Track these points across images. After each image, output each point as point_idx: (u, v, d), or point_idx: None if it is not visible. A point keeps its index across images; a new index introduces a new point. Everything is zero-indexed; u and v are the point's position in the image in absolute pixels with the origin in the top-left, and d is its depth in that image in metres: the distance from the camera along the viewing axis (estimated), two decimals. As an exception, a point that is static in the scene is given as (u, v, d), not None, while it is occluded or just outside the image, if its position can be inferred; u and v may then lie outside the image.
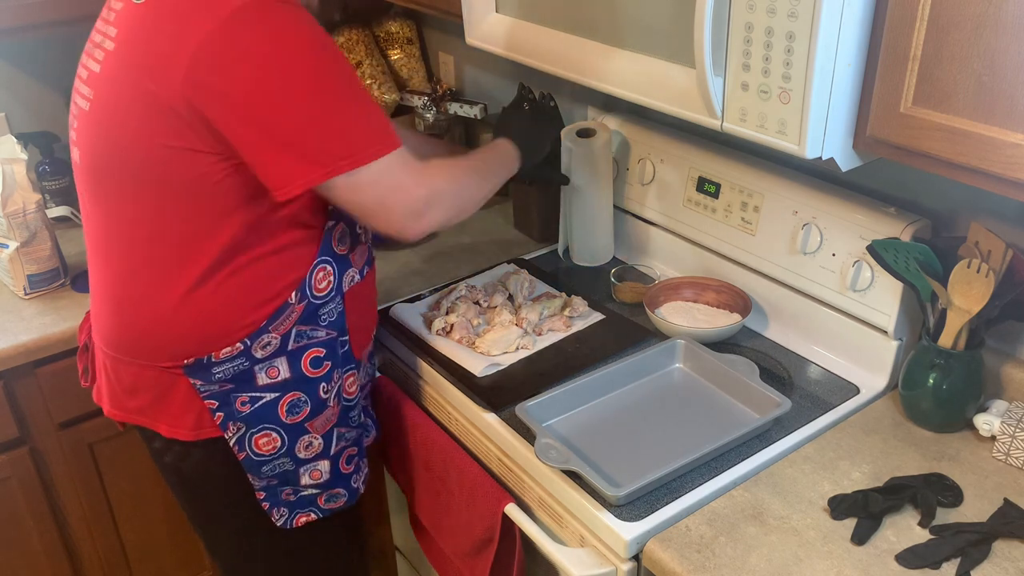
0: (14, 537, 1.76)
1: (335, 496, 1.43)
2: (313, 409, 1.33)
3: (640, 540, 1.16)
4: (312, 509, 1.41)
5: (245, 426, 1.30)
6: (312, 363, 1.31)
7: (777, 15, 1.04)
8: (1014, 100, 0.92)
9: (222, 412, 1.29)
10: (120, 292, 1.27)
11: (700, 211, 1.63)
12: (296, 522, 1.41)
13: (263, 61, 1.09)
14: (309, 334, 1.30)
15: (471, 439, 1.45)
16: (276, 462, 1.34)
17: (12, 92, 2.10)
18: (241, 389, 1.28)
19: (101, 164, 1.22)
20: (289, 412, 1.31)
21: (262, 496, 1.37)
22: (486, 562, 1.39)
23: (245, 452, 1.32)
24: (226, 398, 1.28)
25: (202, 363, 1.26)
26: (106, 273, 1.29)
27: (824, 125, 1.08)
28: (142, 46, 1.14)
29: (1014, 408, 1.27)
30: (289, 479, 1.37)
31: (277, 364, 1.29)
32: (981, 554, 1.09)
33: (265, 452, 1.32)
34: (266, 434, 1.31)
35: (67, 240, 1.94)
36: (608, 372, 1.41)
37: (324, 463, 1.38)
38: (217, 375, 1.27)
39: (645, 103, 1.28)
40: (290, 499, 1.39)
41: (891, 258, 1.29)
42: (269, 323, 1.26)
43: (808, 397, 1.39)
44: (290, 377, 1.30)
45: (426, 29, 2.38)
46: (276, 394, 1.30)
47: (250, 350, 1.26)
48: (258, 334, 1.26)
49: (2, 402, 1.65)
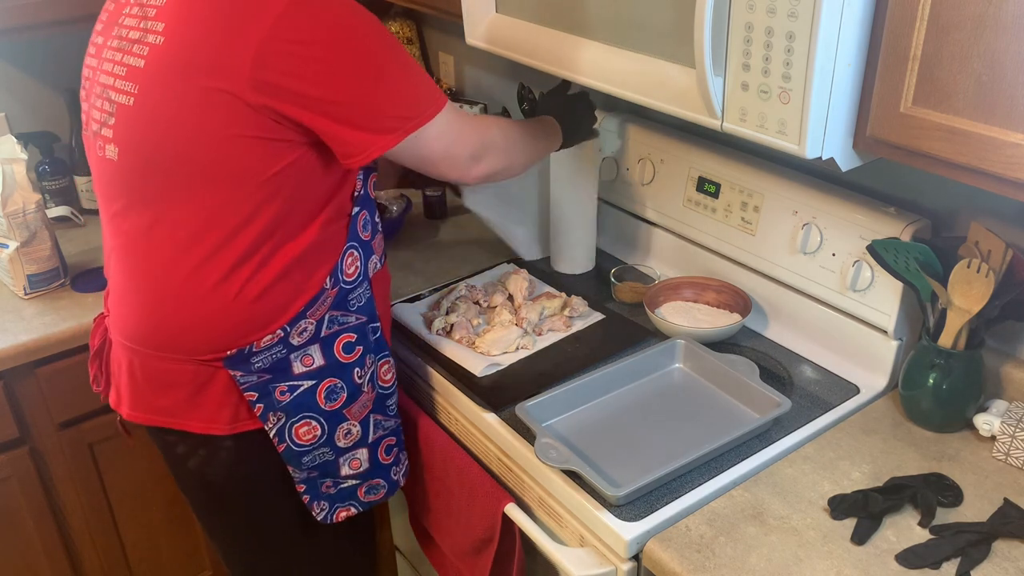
0: (14, 537, 1.76)
1: (375, 488, 1.44)
2: (350, 395, 1.35)
3: (640, 540, 1.16)
4: (352, 503, 1.42)
5: (285, 416, 1.31)
6: (344, 348, 1.34)
7: (777, 15, 1.04)
8: (1014, 100, 0.92)
9: (262, 404, 1.29)
10: (161, 288, 1.27)
11: (700, 211, 1.63)
12: (336, 516, 1.41)
13: (324, 48, 1.15)
14: (340, 320, 1.33)
15: (471, 439, 1.45)
16: (316, 452, 1.35)
17: (12, 92, 2.10)
18: (279, 379, 1.29)
19: (149, 159, 1.21)
20: (327, 399, 1.33)
21: (302, 489, 1.37)
22: (486, 562, 1.39)
23: (285, 443, 1.32)
24: (265, 388, 1.29)
25: (243, 353, 1.26)
26: (144, 270, 1.28)
27: (824, 125, 1.08)
28: (197, 42, 1.15)
29: (1014, 408, 1.27)
30: (329, 470, 1.37)
31: (311, 352, 1.31)
32: (981, 554, 1.09)
33: (305, 442, 1.33)
34: (306, 423, 1.32)
35: (67, 240, 1.94)
36: (608, 372, 1.41)
37: (363, 451, 1.39)
38: (256, 365, 1.27)
39: (645, 103, 1.28)
40: (330, 491, 1.39)
41: (891, 258, 1.29)
42: (307, 308, 1.28)
43: (808, 397, 1.39)
44: (325, 364, 1.32)
45: (426, 29, 2.38)
46: (313, 381, 1.31)
47: (288, 337, 1.28)
48: (296, 320, 1.28)
49: (2, 402, 1.65)
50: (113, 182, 1.27)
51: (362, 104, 1.19)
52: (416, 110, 1.22)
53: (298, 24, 1.13)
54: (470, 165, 1.32)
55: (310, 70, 1.15)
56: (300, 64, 1.14)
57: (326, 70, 1.15)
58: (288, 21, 1.13)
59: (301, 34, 1.13)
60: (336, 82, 1.16)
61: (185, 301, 1.25)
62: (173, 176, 1.20)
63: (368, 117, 1.19)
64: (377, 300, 1.39)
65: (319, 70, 1.15)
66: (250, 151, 1.18)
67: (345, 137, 1.19)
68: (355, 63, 1.17)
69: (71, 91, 1.98)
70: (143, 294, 1.29)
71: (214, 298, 1.24)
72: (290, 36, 1.13)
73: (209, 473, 1.36)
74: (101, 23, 1.30)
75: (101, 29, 1.29)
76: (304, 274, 1.28)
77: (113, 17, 1.27)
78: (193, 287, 1.24)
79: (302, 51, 1.14)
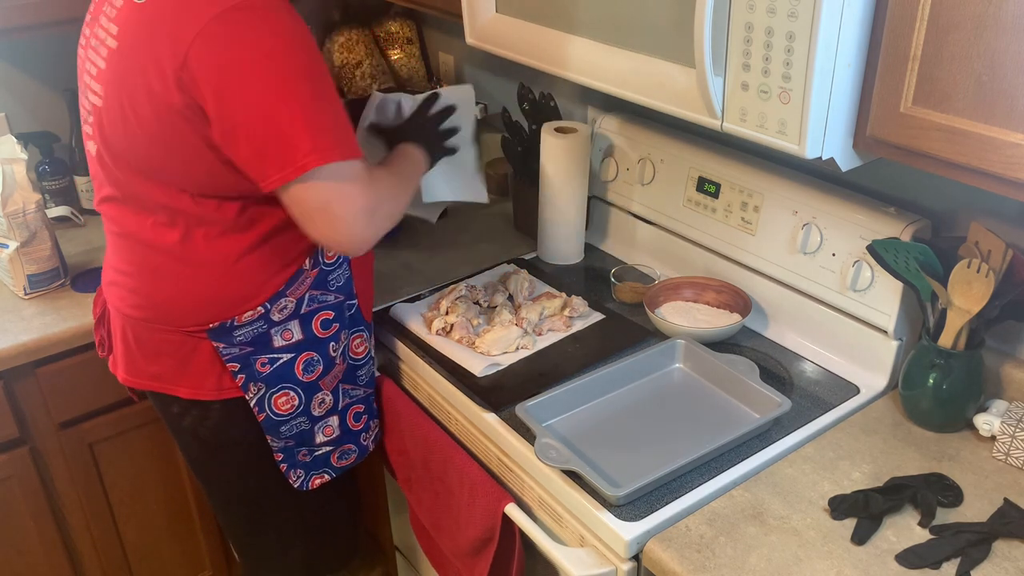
0: (14, 537, 1.76)
1: (347, 452, 1.52)
2: (325, 367, 1.43)
3: (640, 540, 1.16)
4: (326, 470, 1.50)
5: (265, 386, 1.38)
6: (322, 325, 1.41)
7: (777, 15, 1.04)
8: (1014, 100, 0.92)
9: (243, 374, 1.37)
10: (152, 263, 1.34)
11: (700, 211, 1.63)
12: (312, 483, 1.49)
13: (245, 60, 1.14)
14: (320, 298, 1.40)
15: (471, 439, 1.45)
16: (294, 421, 1.42)
17: (12, 92, 2.10)
18: (260, 351, 1.37)
19: (121, 155, 1.28)
20: (305, 371, 1.41)
21: (280, 458, 1.45)
22: (486, 562, 1.39)
23: (265, 412, 1.40)
24: (247, 360, 1.36)
25: (225, 327, 1.34)
26: (130, 248, 1.36)
27: (824, 125, 1.08)
28: (144, 46, 1.19)
29: (1014, 408, 1.27)
30: (305, 439, 1.45)
31: (291, 327, 1.38)
32: (981, 554, 1.09)
33: (284, 411, 1.41)
34: (285, 393, 1.40)
35: (67, 240, 1.94)
36: (608, 372, 1.41)
37: (334, 419, 1.47)
38: (238, 338, 1.35)
39: (645, 103, 1.28)
40: (306, 460, 1.47)
41: (891, 258, 1.29)
42: (287, 287, 1.36)
43: (808, 397, 1.39)
44: (303, 338, 1.39)
45: (426, 29, 2.38)
46: (292, 354, 1.39)
47: (269, 314, 1.35)
48: (276, 298, 1.35)
49: (2, 402, 1.65)
50: (98, 174, 1.36)
51: (266, 121, 1.15)
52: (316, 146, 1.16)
53: (226, 29, 1.13)
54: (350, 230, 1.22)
55: (224, 73, 1.14)
56: (215, 65, 1.13)
57: (240, 77, 1.14)
58: (218, 25, 1.13)
59: (226, 39, 1.13)
60: (243, 90, 1.14)
61: (170, 275, 1.33)
62: (144, 170, 1.27)
63: (268, 138, 1.16)
64: (356, 278, 1.45)
65: (232, 76, 1.14)
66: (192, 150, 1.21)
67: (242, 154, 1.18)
68: (270, 77, 1.14)
69: (71, 91, 1.98)
70: (132, 270, 1.37)
71: (197, 273, 1.32)
72: (215, 39, 1.13)
73: (201, 432, 1.45)
74: (89, 14, 1.35)
75: (88, 20, 1.34)
76: (283, 255, 1.34)
77: (96, 11, 1.32)
78: (175, 262, 1.32)
79: (221, 54, 1.13)
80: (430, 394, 1.54)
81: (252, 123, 1.15)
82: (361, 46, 2.26)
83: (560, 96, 1.93)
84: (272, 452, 1.44)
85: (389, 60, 2.34)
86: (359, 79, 2.27)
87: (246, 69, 1.14)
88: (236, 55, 1.14)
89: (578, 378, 1.39)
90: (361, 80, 2.26)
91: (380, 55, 2.31)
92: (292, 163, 1.16)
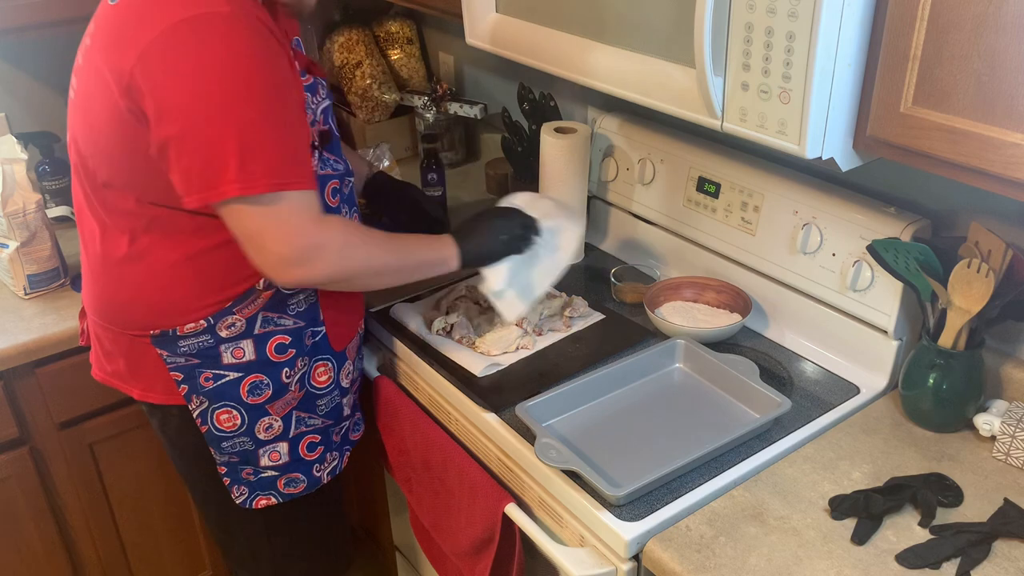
0: (14, 537, 1.76)
1: (294, 481, 1.47)
2: (275, 392, 1.38)
3: (640, 540, 1.16)
4: (272, 493, 1.46)
5: (207, 401, 1.36)
6: (277, 349, 1.36)
7: (777, 15, 1.04)
8: (1014, 100, 0.92)
9: (186, 385, 1.35)
10: (100, 263, 1.34)
11: (700, 211, 1.63)
12: (256, 503, 1.46)
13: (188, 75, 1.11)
14: (276, 321, 1.35)
15: (471, 439, 1.45)
16: (236, 439, 1.39)
17: (12, 92, 2.10)
18: (206, 365, 1.34)
19: (82, 147, 1.28)
20: (250, 392, 1.36)
21: (223, 471, 1.43)
22: (486, 562, 1.39)
23: (207, 426, 1.38)
24: (191, 372, 1.34)
25: (168, 336, 1.32)
26: (90, 245, 1.36)
27: (824, 125, 1.08)
28: (108, 47, 1.18)
29: (1014, 408, 1.27)
30: (249, 459, 1.42)
31: (243, 345, 1.34)
32: (981, 554, 1.09)
33: (226, 428, 1.38)
34: (227, 411, 1.37)
35: (67, 240, 1.94)
36: (608, 372, 1.41)
37: (283, 445, 1.43)
38: (183, 349, 1.33)
39: (645, 103, 1.28)
40: (250, 479, 1.44)
41: (891, 258, 1.29)
42: (234, 305, 1.31)
43: (808, 397, 1.39)
44: (255, 359, 1.35)
45: (426, 29, 2.38)
46: (239, 374, 1.35)
47: (214, 328, 1.31)
48: (222, 314, 1.31)
49: (2, 402, 1.65)
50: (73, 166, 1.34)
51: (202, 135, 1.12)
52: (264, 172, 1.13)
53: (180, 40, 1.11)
54: (277, 266, 1.18)
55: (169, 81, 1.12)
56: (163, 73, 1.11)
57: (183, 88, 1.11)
58: (173, 35, 1.11)
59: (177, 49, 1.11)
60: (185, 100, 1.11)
61: (114, 277, 1.33)
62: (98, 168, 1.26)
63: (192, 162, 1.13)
64: (326, 307, 1.39)
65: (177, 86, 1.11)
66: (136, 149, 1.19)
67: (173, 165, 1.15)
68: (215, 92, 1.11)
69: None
70: (92, 270, 1.37)
71: (135, 277, 1.30)
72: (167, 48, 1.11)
73: (168, 432, 1.44)
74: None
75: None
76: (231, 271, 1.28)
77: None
78: (121, 265, 1.31)
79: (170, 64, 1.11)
80: (430, 394, 1.54)
81: (183, 137, 1.13)
82: (361, 46, 2.26)
83: (560, 96, 1.93)
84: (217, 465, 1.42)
85: (389, 60, 2.34)
86: (359, 79, 2.27)
87: (188, 82, 1.11)
88: (181, 66, 1.11)
89: (578, 378, 1.39)
90: (361, 80, 2.26)
91: (380, 55, 2.31)
92: (214, 187, 1.13)
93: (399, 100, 2.27)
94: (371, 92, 2.27)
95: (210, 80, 1.11)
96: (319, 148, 1.30)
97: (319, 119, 1.31)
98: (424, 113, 2.20)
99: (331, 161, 1.34)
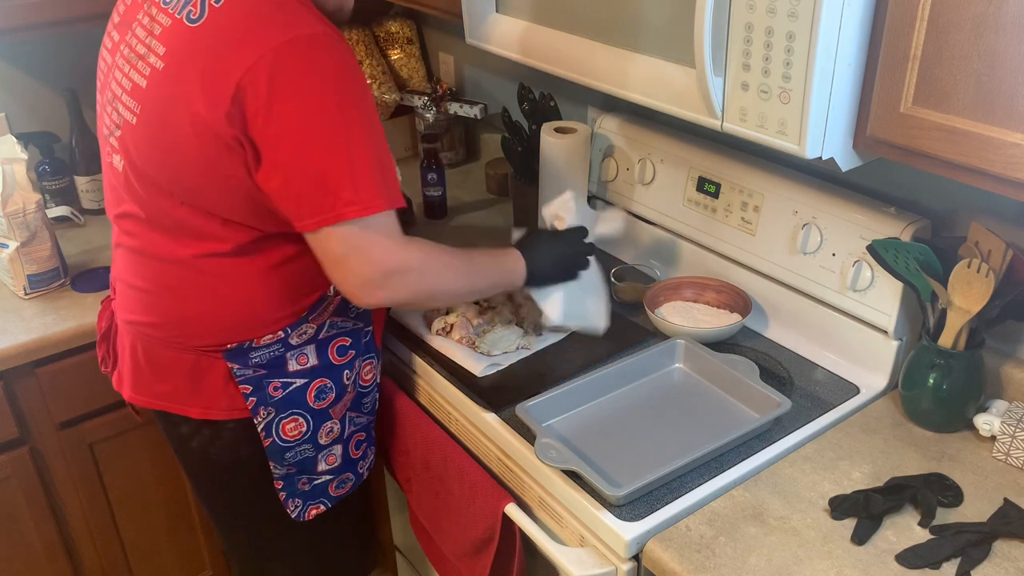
0: (14, 537, 1.76)
1: (344, 481, 1.48)
2: (337, 395, 1.39)
3: (640, 540, 1.16)
4: (322, 500, 1.46)
5: (275, 411, 1.35)
6: (338, 351, 1.38)
7: (777, 15, 1.04)
8: (1014, 100, 0.92)
9: (255, 397, 1.33)
10: (173, 281, 1.30)
11: (700, 211, 1.63)
12: (308, 514, 1.46)
13: (297, 97, 1.10)
14: (340, 324, 1.37)
15: (471, 439, 1.45)
16: (299, 448, 1.39)
17: (12, 92, 2.09)
18: (273, 375, 1.33)
19: (150, 175, 1.24)
20: (317, 398, 1.37)
21: (280, 486, 1.41)
22: (486, 562, 1.39)
23: (272, 438, 1.36)
24: (259, 383, 1.33)
25: (243, 348, 1.31)
26: (155, 264, 1.31)
27: (824, 125, 1.08)
28: (196, 71, 1.14)
29: (1014, 408, 1.27)
30: (307, 467, 1.41)
31: (307, 352, 1.35)
32: (981, 554, 1.09)
33: (291, 438, 1.37)
34: (294, 419, 1.36)
35: (67, 240, 1.94)
36: (608, 372, 1.41)
37: (338, 447, 1.44)
38: (254, 360, 1.32)
39: (645, 103, 1.28)
40: (305, 488, 1.43)
41: (891, 258, 1.29)
42: (310, 313, 1.33)
43: (808, 397, 1.39)
44: (318, 364, 1.36)
45: (426, 29, 2.38)
46: (305, 380, 1.35)
47: (288, 338, 1.32)
48: (298, 323, 1.32)
49: (2, 402, 1.65)
50: (117, 187, 1.31)
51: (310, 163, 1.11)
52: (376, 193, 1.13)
53: (286, 63, 1.09)
54: (360, 288, 1.18)
55: (276, 107, 1.10)
56: (268, 98, 1.09)
57: (290, 115, 1.10)
58: (277, 58, 1.09)
59: (284, 72, 1.09)
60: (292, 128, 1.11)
61: (189, 294, 1.29)
62: (175, 193, 1.23)
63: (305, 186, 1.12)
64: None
65: (285, 112, 1.10)
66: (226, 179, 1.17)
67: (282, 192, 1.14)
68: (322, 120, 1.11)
69: (71, 91, 1.98)
70: (150, 287, 1.33)
71: (219, 293, 1.28)
72: (273, 72, 1.09)
73: (212, 452, 1.40)
74: (118, 15, 1.31)
75: (118, 23, 1.30)
76: (308, 280, 1.30)
77: (128, 16, 1.27)
78: (198, 281, 1.28)
79: (277, 88, 1.09)
80: (430, 394, 1.54)
81: (295, 162, 1.11)
82: (361, 46, 2.27)
83: (560, 96, 1.93)
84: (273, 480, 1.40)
85: (389, 60, 2.34)
86: (359, 79, 2.26)
87: (297, 105, 1.10)
88: (289, 89, 1.09)
89: (578, 378, 1.39)
90: (361, 80, 2.26)
91: (380, 55, 2.31)
92: (332, 209, 1.12)
93: (399, 100, 2.27)
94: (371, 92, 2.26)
95: (320, 101, 1.10)
96: None
97: None
98: (424, 113, 2.20)
99: None
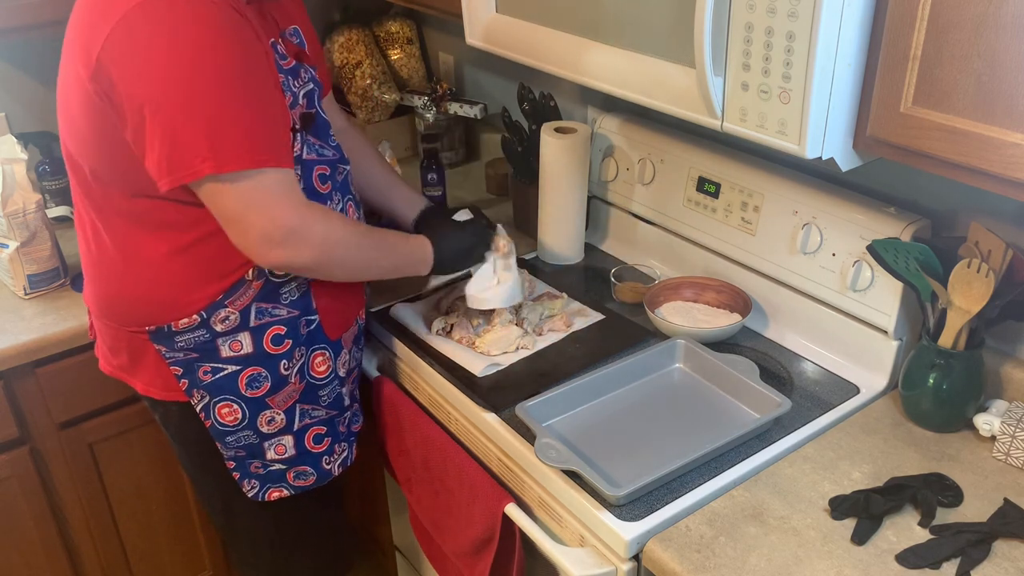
0: (14, 537, 1.76)
1: (303, 474, 1.48)
2: (274, 385, 1.38)
3: (640, 540, 1.16)
4: (283, 485, 1.47)
5: (208, 395, 1.36)
6: (273, 340, 1.36)
7: (777, 15, 1.04)
8: (1014, 100, 0.92)
9: (186, 379, 1.36)
10: (96, 259, 1.35)
11: (700, 211, 1.63)
12: (268, 496, 1.46)
13: (155, 55, 1.11)
14: (271, 312, 1.35)
15: (471, 439, 1.45)
16: (240, 434, 1.40)
17: (12, 92, 2.09)
18: (205, 359, 1.34)
19: (67, 142, 1.28)
20: (249, 386, 1.37)
21: (232, 466, 1.43)
22: (486, 562, 1.39)
23: (211, 420, 1.38)
24: (190, 366, 1.35)
25: (163, 331, 1.33)
26: (86, 242, 1.37)
27: (824, 125, 1.08)
28: (80, 36, 1.18)
29: (1014, 408, 1.27)
30: (255, 452, 1.42)
31: (240, 338, 1.34)
32: (981, 554, 1.09)
33: (228, 423, 1.38)
34: (227, 404, 1.37)
35: (67, 240, 1.94)
36: (608, 372, 1.41)
37: (287, 438, 1.43)
38: (180, 344, 1.33)
39: (645, 103, 1.28)
40: (259, 472, 1.44)
41: (891, 258, 1.29)
42: (226, 297, 1.31)
43: (808, 397, 1.39)
44: (252, 352, 1.35)
45: (426, 29, 2.38)
46: (237, 367, 1.35)
47: (209, 323, 1.32)
48: (215, 308, 1.31)
49: (2, 402, 1.65)
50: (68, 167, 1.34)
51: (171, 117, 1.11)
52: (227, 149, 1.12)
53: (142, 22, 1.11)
54: (260, 246, 1.19)
55: (135, 64, 1.11)
56: (128, 56, 1.11)
57: (150, 69, 1.11)
58: (134, 16, 1.11)
59: (141, 31, 1.11)
60: (153, 82, 1.11)
61: (109, 273, 1.33)
62: (82, 163, 1.26)
63: (172, 134, 1.12)
64: (318, 295, 1.39)
65: (144, 68, 1.11)
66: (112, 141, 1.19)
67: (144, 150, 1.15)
68: (182, 72, 1.11)
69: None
70: (89, 266, 1.38)
71: (128, 273, 1.31)
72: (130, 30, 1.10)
73: (170, 428, 1.45)
74: None
75: None
76: (220, 263, 1.29)
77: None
78: (115, 260, 1.31)
79: (134, 46, 1.11)
80: (430, 394, 1.54)
81: (153, 118, 1.12)
82: (361, 46, 2.27)
83: (560, 96, 1.93)
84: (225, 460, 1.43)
85: (389, 60, 2.34)
86: (359, 79, 2.27)
87: (154, 62, 1.11)
88: (145, 46, 1.11)
89: (578, 378, 1.39)
90: (361, 80, 2.26)
91: (380, 55, 2.31)
92: (187, 166, 1.13)
93: (399, 100, 2.27)
94: (371, 92, 2.27)
95: (174, 60, 1.11)
96: (301, 131, 1.29)
97: (301, 103, 1.30)
98: (424, 113, 2.20)
99: (316, 146, 1.34)
